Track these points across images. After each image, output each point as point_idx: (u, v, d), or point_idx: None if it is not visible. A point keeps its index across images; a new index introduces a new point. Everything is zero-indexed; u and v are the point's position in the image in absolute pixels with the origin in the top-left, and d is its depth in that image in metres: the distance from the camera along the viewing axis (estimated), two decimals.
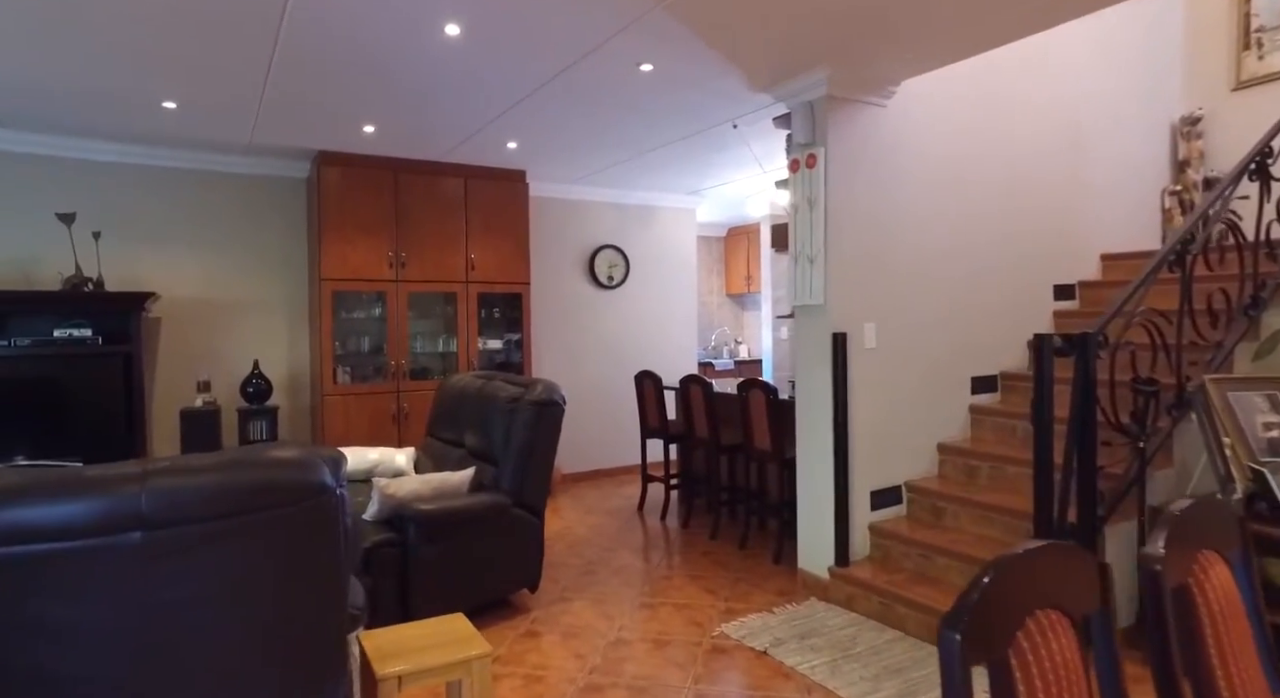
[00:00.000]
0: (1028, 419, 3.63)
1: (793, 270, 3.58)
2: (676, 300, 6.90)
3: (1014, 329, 4.08)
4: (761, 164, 4.98)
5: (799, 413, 3.65)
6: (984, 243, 3.93)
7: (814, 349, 3.52)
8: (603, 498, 5.64)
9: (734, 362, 8.40)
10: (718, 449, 4.48)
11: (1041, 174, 4.16)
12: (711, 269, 8.97)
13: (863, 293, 3.53)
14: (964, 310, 3.87)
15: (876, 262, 3.57)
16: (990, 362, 3.98)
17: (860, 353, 3.50)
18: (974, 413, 3.87)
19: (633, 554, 4.24)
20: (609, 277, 6.45)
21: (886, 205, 3.59)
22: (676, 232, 6.88)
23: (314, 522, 1.64)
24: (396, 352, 5.00)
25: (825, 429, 3.48)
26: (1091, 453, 2.61)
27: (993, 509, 3.26)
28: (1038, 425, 2.55)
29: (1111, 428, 2.76)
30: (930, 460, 3.76)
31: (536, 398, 3.37)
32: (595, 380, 6.41)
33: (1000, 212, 3.99)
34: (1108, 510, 2.72)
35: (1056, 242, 4.26)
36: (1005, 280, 4.03)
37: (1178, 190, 4.79)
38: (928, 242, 3.74)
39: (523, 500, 3.32)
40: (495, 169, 5.42)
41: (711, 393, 4.46)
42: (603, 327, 6.47)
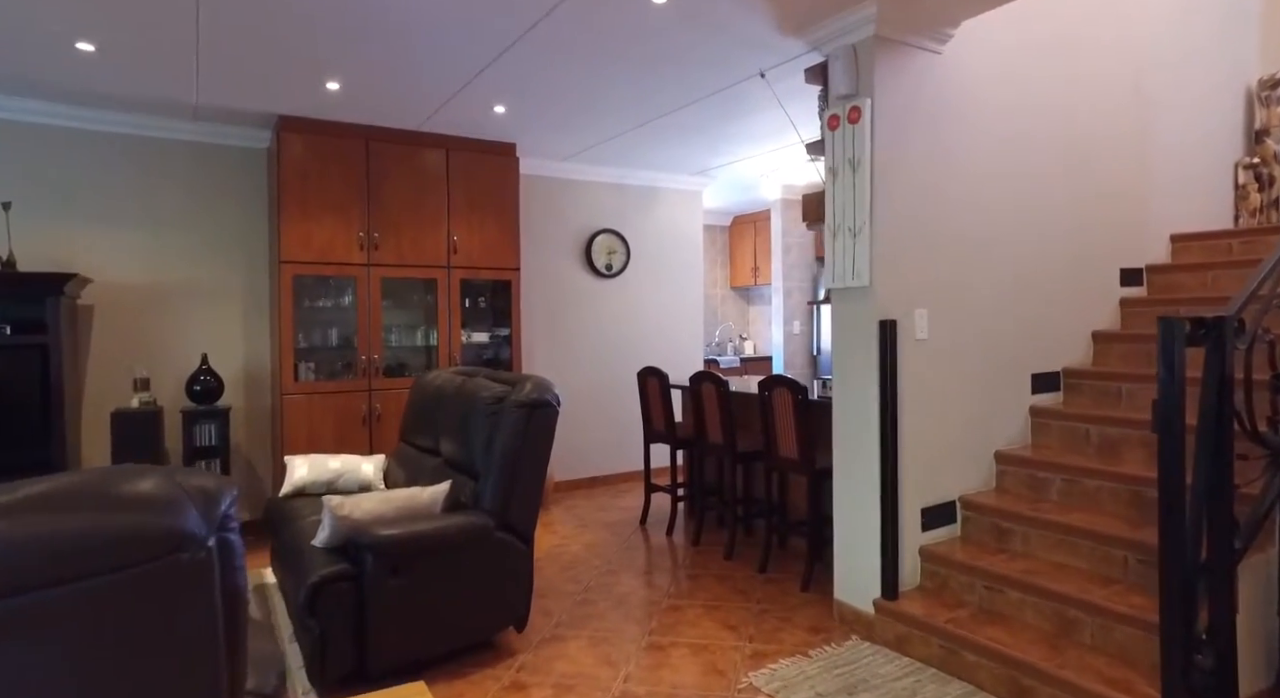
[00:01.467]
0: (1103, 423, 3.08)
1: (830, 247, 3.02)
2: (682, 291, 6.33)
3: (1078, 319, 3.53)
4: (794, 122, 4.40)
5: (837, 415, 3.09)
6: (1046, 219, 3.38)
7: (856, 340, 2.96)
8: (600, 510, 5.08)
9: (740, 359, 7.84)
10: (734, 457, 3.93)
11: (1107, 142, 3.61)
12: (715, 260, 8.41)
13: (914, 273, 2.97)
14: (1024, 296, 3.31)
15: (929, 236, 3.01)
16: (1052, 357, 3.43)
17: (910, 344, 2.94)
18: (1035, 416, 3.32)
19: (636, 578, 3.67)
20: (608, 265, 5.88)
21: (941, 169, 3.04)
22: (682, 216, 6.31)
23: (171, 588, 1.07)
24: (368, 345, 4.42)
25: (870, 435, 2.92)
26: (1228, 469, 2.05)
27: (1072, 532, 2.70)
28: (1164, 434, 1.99)
29: (1244, 437, 2.21)
30: (987, 471, 3.20)
31: (524, 398, 2.80)
32: (592, 378, 5.84)
33: (1064, 184, 3.44)
34: (1245, 542, 2.17)
35: (1123, 219, 3.71)
36: (1069, 263, 3.48)
37: (1254, 164, 4.25)
38: (985, 215, 3.18)
39: (508, 522, 2.75)
40: (482, 141, 4.84)
41: (727, 392, 3.90)
42: (601, 319, 5.90)
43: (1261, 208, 4.23)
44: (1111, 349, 3.49)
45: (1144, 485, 2.71)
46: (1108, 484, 2.82)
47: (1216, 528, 2.04)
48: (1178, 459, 1.98)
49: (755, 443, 3.98)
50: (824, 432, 3.56)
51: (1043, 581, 2.58)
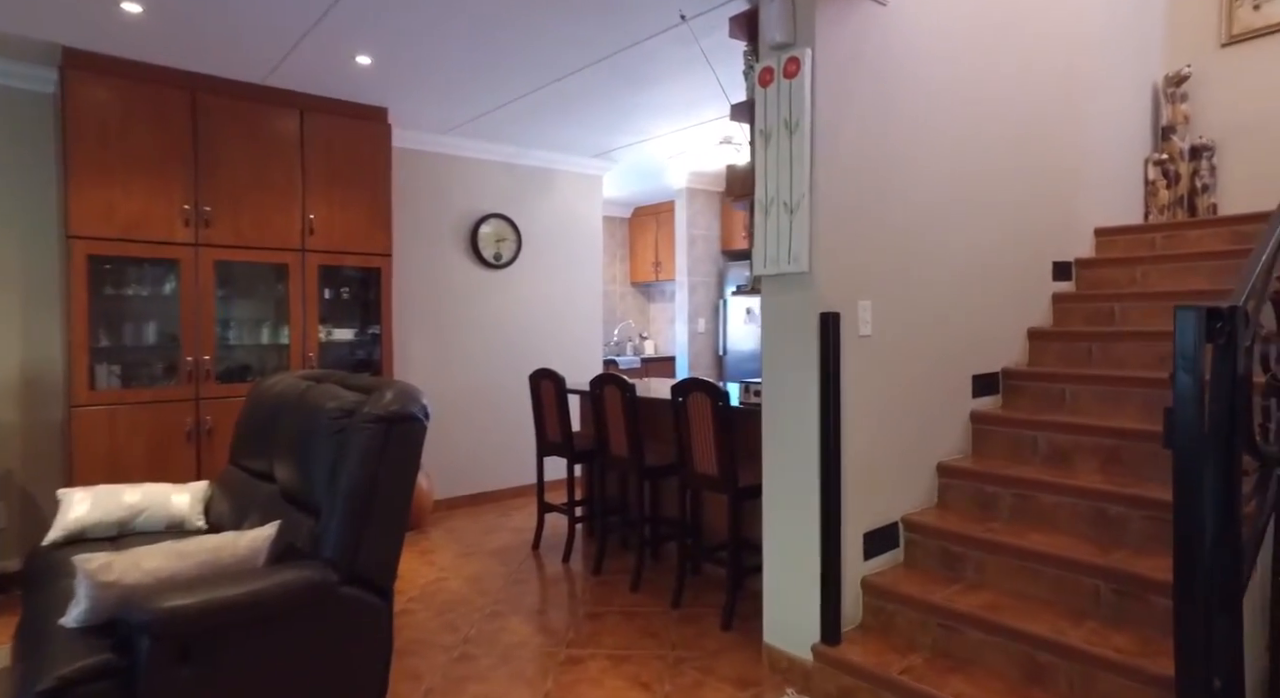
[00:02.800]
0: (1050, 430, 2.78)
1: (761, 226, 2.55)
2: (580, 286, 5.77)
3: (1014, 316, 3.25)
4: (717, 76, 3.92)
5: (768, 424, 2.62)
6: (986, 207, 3.06)
7: (792, 336, 2.51)
8: (487, 532, 4.43)
9: (640, 359, 7.37)
10: (641, 472, 3.41)
11: (1040, 130, 3.35)
12: (614, 254, 7.90)
13: (857, 258, 2.55)
14: (966, 289, 2.98)
15: (874, 215, 2.60)
16: (992, 356, 3.12)
17: (853, 341, 2.52)
18: (977, 422, 2.99)
19: (528, 622, 3.08)
20: (496, 254, 5.23)
21: (887, 138, 2.63)
22: (581, 202, 5.75)
23: None
24: (197, 344, 3.59)
25: (808, 447, 2.47)
26: (1238, 488, 1.72)
27: (1033, 557, 2.36)
28: (1183, 453, 1.63)
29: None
30: (928, 486, 2.84)
31: (382, 411, 2.15)
32: (478, 381, 5.17)
33: (1002, 170, 3.14)
34: (1248, 572, 1.85)
35: (1054, 211, 3.48)
36: (1007, 255, 3.19)
37: (1162, 160, 4.17)
38: (929, 196, 2.81)
39: (357, 572, 2.09)
40: (346, 103, 4.10)
41: (634, 398, 3.37)
42: (489, 315, 5.24)
43: (1170, 204, 4.15)
44: (1048, 348, 3.23)
45: (1105, 501, 2.40)
46: (1065, 500, 2.50)
47: (1227, 558, 1.70)
48: (1200, 482, 1.62)
49: (667, 456, 3.48)
50: (748, 443, 3.11)
51: (1008, 619, 2.21)
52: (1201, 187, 4.16)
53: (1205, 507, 1.63)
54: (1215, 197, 4.18)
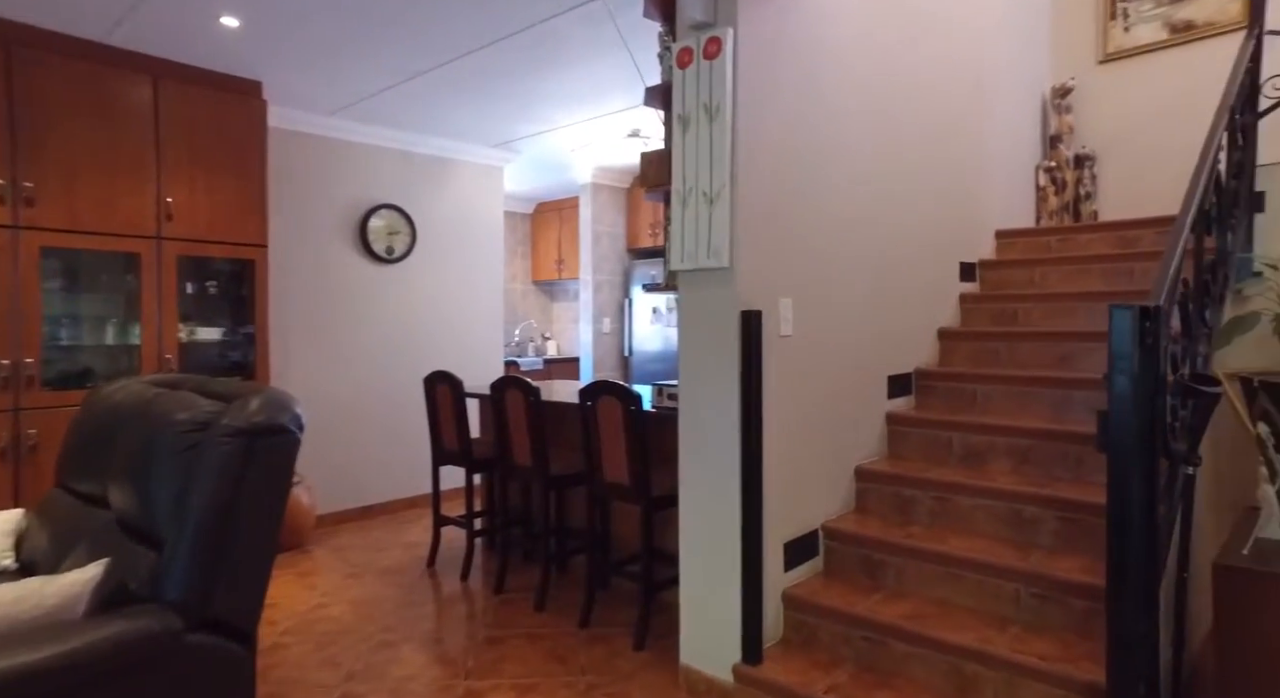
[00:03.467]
0: (964, 430, 2.76)
1: (678, 218, 2.38)
2: (479, 283, 5.45)
3: (925, 315, 3.23)
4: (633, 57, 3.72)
5: (684, 429, 2.45)
6: (901, 204, 3.03)
7: (711, 335, 2.35)
8: (378, 549, 4.06)
9: (543, 361, 7.10)
10: (546, 481, 3.17)
11: (948, 132, 3.36)
12: (515, 251, 7.60)
13: (779, 253, 2.42)
14: (882, 288, 2.92)
15: (797, 208, 2.48)
16: (905, 357, 3.09)
17: (774, 341, 2.39)
18: (892, 424, 2.94)
19: (422, 651, 2.78)
20: (388, 248, 4.84)
21: (810, 127, 2.52)
22: (480, 195, 5.43)
23: None
24: (16, 343, 3.06)
25: (728, 452, 2.32)
26: (1157, 487, 1.69)
27: (953, 562, 2.30)
28: (1118, 456, 1.57)
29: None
30: (847, 491, 2.76)
31: (245, 422, 1.83)
32: (368, 385, 4.76)
33: (916, 169, 3.11)
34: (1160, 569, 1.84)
35: (961, 213, 3.51)
36: (919, 255, 3.17)
37: (1051, 167, 4.33)
38: (850, 191, 2.73)
39: (210, 616, 1.76)
40: (211, 72, 3.63)
41: (538, 402, 3.13)
42: (380, 313, 4.84)
43: (1058, 210, 4.32)
44: (957, 348, 3.24)
45: (1021, 502, 2.38)
46: (982, 502, 2.46)
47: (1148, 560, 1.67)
48: (1136, 487, 1.57)
49: (574, 464, 3.26)
50: (662, 450, 2.94)
51: (932, 629, 2.13)
52: (1085, 194, 4.36)
53: (1135, 510, 1.57)
54: (1097, 204, 4.39)
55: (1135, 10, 4.34)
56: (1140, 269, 3.17)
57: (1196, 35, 4.13)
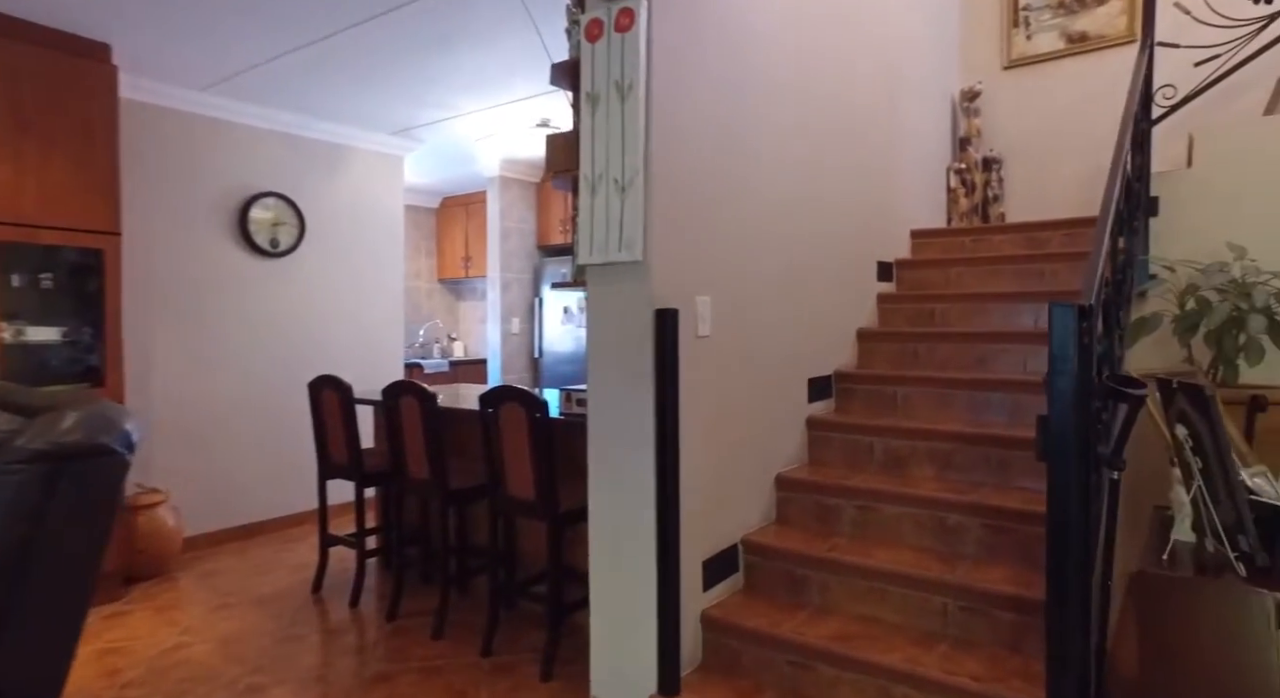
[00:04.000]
0: (886, 435, 2.66)
1: (587, 207, 2.16)
2: (378, 281, 5.05)
3: (844, 315, 3.14)
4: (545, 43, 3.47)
5: (594, 438, 2.23)
6: (819, 199, 2.91)
7: (623, 336, 2.14)
8: (257, 574, 3.64)
9: (449, 363, 6.73)
10: (445, 495, 2.88)
11: (864, 129, 3.28)
12: (420, 247, 7.19)
13: (697, 247, 2.24)
14: (801, 286, 2.79)
15: (715, 197, 2.31)
16: (825, 358, 2.98)
17: (690, 342, 2.20)
18: (812, 428, 2.82)
19: (299, 694, 2.44)
20: (273, 240, 4.40)
21: (729, 110, 2.35)
22: (378, 186, 5.03)
23: None
24: None
25: (642, 463, 2.11)
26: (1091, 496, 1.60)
27: (879, 576, 2.18)
28: (1058, 464, 1.45)
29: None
30: (767, 501, 2.61)
31: (48, 443, 1.47)
32: (249, 391, 4.31)
33: (834, 164, 3.00)
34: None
35: (878, 212, 3.44)
36: (838, 253, 3.06)
37: (961, 169, 4.36)
38: (768, 183, 2.58)
39: None
40: (43, 28, 3.15)
41: (435, 409, 2.85)
42: (263, 312, 4.39)
43: (968, 212, 4.36)
44: (876, 349, 3.16)
45: (945, 510, 2.29)
46: (907, 510, 2.36)
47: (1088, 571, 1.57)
48: (1076, 497, 1.46)
49: (475, 477, 2.98)
50: (571, 460, 2.71)
51: (860, 650, 1.99)
52: (993, 197, 4.42)
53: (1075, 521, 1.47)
54: (1004, 206, 4.46)
55: (1036, 19, 4.43)
56: (1051, 270, 3.18)
57: (1091, 47, 4.25)
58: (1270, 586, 1.66)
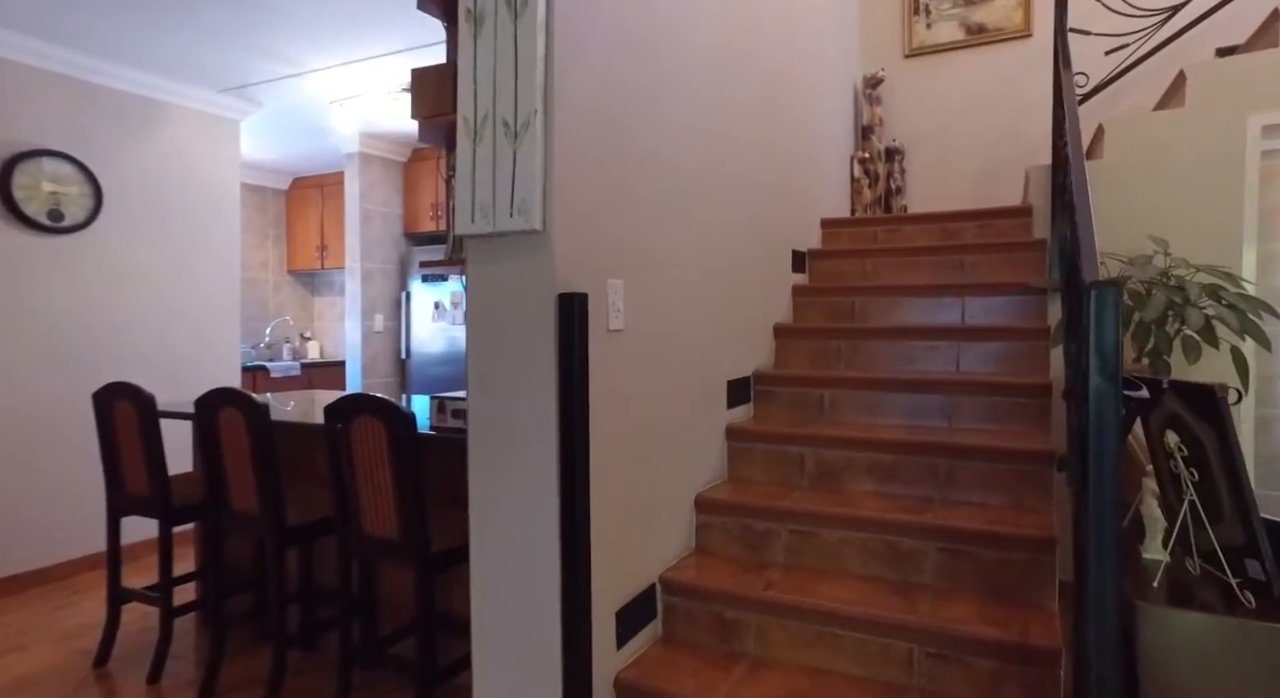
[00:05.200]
0: (817, 445, 2.32)
1: (468, 159, 1.64)
2: (206, 268, 4.22)
3: (762, 309, 2.78)
4: None
5: (477, 458, 1.71)
6: (736, 179, 2.53)
7: (515, 328, 1.64)
8: (15, 647, 2.80)
9: (301, 365, 5.89)
10: (281, 534, 2.26)
11: (777, 109, 2.95)
12: (266, 234, 6.28)
13: (610, 217, 1.78)
14: (719, 275, 2.40)
15: (633, 155, 1.86)
16: (744, 357, 2.61)
17: (602, 337, 1.74)
18: (733, 439, 2.44)
19: None
20: (53, 211, 3.51)
21: (649, 44, 1.91)
22: (206, 154, 4.20)
23: None
24: None
25: (541, 489, 1.62)
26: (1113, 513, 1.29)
27: (830, 619, 1.81)
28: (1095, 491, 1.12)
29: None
30: (687, 527, 2.19)
31: None
32: (16, 403, 3.40)
33: (750, 141, 2.64)
34: None
35: (791, 197, 3.12)
36: (755, 239, 2.71)
37: (865, 158, 4.17)
38: (694, 146, 2.17)
39: None
40: None
41: (266, 424, 2.22)
42: (39, 303, 3.49)
43: (871, 204, 4.18)
44: (795, 346, 2.83)
45: (897, 533, 1.96)
46: (851, 534, 2.01)
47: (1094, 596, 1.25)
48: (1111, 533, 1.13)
49: (321, 508, 2.37)
50: (450, 488, 2.17)
51: None
52: (896, 188, 4.26)
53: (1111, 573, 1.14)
54: (906, 198, 4.32)
55: (936, 8, 4.32)
56: (970, 262, 2.98)
57: (989, 39, 4.18)
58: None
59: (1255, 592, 1.48)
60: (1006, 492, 2.05)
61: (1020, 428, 2.26)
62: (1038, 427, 2.24)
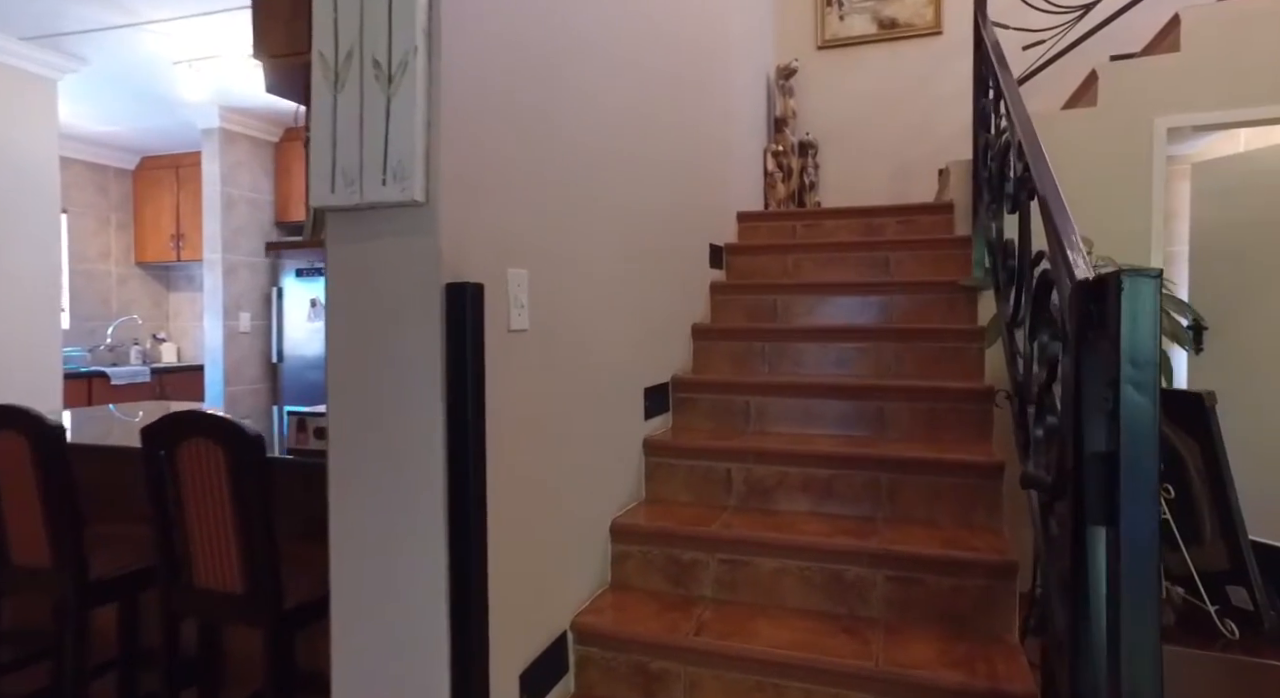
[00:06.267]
0: (745, 459, 2.07)
1: (325, 109, 1.27)
2: (19, 255, 3.53)
3: (680, 308, 2.52)
4: None
5: (339, 495, 1.34)
6: (657, 160, 2.25)
7: (388, 326, 1.28)
8: None
9: (151, 370, 5.16)
10: (84, 592, 1.78)
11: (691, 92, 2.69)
12: (108, 220, 5.49)
13: (513, 191, 1.45)
14: (634, 269, 2.11)
15: (538, 116, 1.53)
16: (661, 362, 2.33)
17: (501, 339, 1.41)
18: (653, 454, 2.15)
19: None
20: None
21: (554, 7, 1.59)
22: (10, 116, 3.51)
23: None
24: None
25: (425, 531, 1.27)
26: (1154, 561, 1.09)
27: (771, 668, 1.55)
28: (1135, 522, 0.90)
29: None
30: (601, 560, 1.88)
31: None
32: None
33: (665, 123, 2.37)
34: None
35: (708, 187, 2.88)
36: (671, 231, 2.44)
37: (778, 151, 4.00)
38: (600, 127, 1.86)
39: None
40: None
41: (57, 451, 1.74)
42: None
43: (784, 199, 4.01)
44: (716, 349, 2.59)
45: (841, 561, 1.73)
46: (790, 563, 1.77)
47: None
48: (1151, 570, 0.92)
49: (138, 558, 1.90)
50: (305, 524, 1.77)
51: None
52: (809, 184, 4.12)
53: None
54: (820, 194, 4.19)
55: (849, 0, 4.22)
56: (895, 259, 2.83)
57: (900, 34, 4.11)
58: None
59: (1239, 622, 1.34)
60: (954, 508, 1.87)
61: (961, 436, 2.10)
62: (980, 434, 2.08)
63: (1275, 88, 2.72)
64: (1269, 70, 2.72)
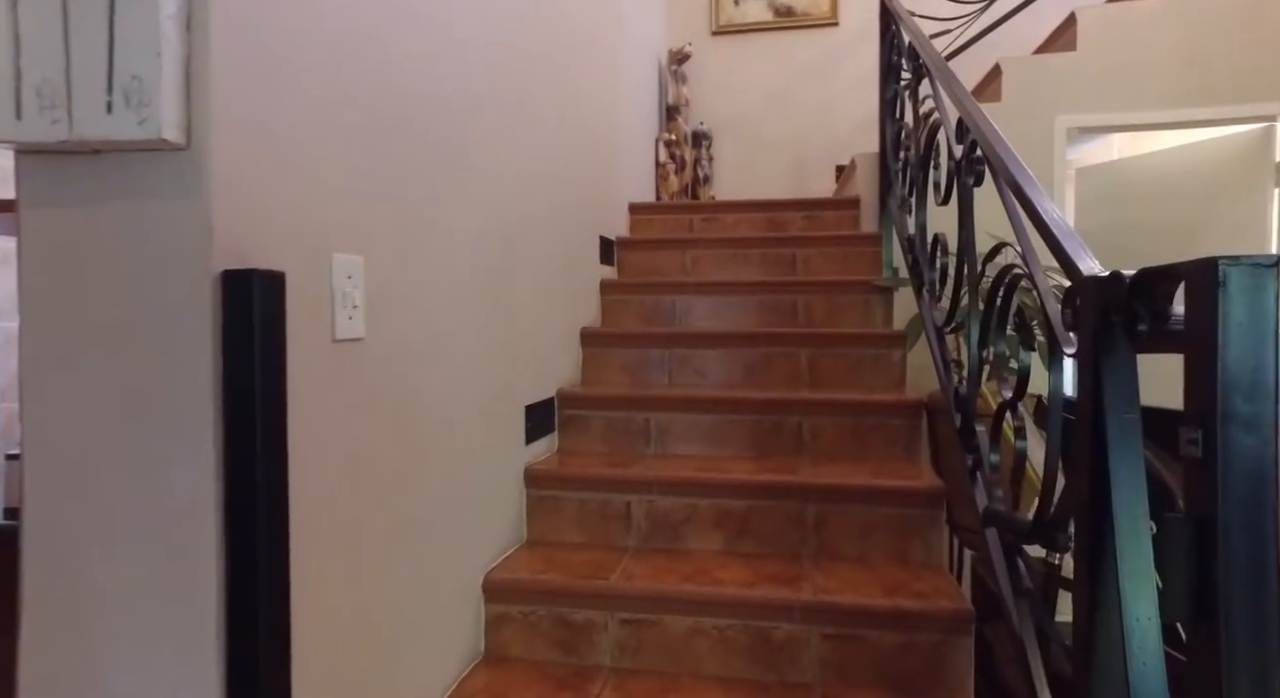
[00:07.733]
0: (648, 490, 1.73)
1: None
2: None
3: (565, 310, 2.14)
4: None
5: (34, 580, 0.87)
6: (534, 136, 1.87)
7: (124, 342, 0.83)
8: None
9: None
10: None
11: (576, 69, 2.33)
12: None
13: (333, 141, 1.02)
14: (510, 263, 1.73)
15: (375, 47, 1.11)
16: (545, 374, 1.95)
17: (321, 353, 0.99)
18: (535, 486, 1.77)
19: None
20: None
21: None
22: None
23: None
24: None
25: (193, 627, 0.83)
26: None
27: None
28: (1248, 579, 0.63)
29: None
30: (471, 627, 1.48)
31: None
32: None
33: (551, 88, 1.99)
34: None
35: (596, 174, 2.53)
36: (557, 215, 2.06)
37: (671, 141, 3.71)
38: (463, 75, 1.46)
39: None
40: None
41: None
42: None
43: (678, 192, 3.73)
44: (609, 358, 2.23)
45: (769, 617, 1.43)
46: (706, 622, 1.44)
47: None
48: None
49: None
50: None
51: None
52: (704, 177, 3.86)
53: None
54: (714, 188, 3.94)
55: None
56: (803, 256, 2.59)
57: (797, 23, 3.94)
58: None
59: None
60: (889, 543, 1.61)
61: (889, 455, 1.86)
62: (909, 454, 1.85)
63: (1167, 92, 2.71)
64: (1161, 73, 2.71)
